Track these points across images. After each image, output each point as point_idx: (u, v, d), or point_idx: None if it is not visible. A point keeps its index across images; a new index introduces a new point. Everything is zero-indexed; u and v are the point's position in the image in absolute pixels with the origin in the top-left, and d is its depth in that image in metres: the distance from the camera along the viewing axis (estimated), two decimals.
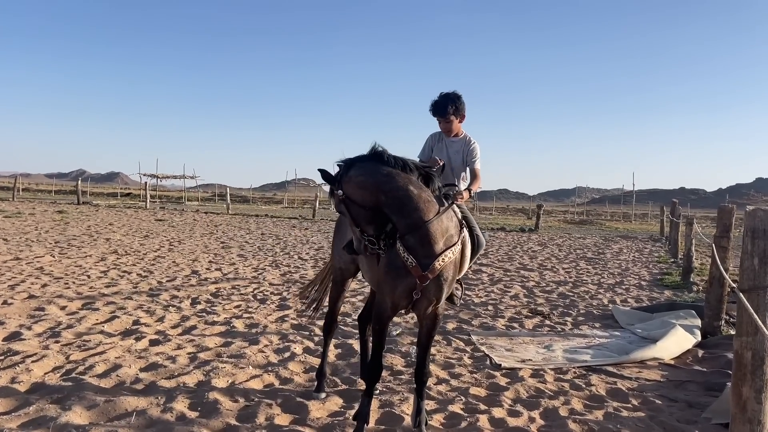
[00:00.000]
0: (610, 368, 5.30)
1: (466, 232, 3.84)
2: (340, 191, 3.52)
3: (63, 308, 6.64)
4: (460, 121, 4.45)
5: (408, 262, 3.48)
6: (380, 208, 3.45)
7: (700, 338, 6.25)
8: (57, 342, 5.32)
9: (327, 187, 3.67)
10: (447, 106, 4.32)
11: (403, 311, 3.85)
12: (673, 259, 14.58)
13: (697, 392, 4.75)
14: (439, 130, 4.52)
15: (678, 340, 5.95)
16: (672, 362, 5.58)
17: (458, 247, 3.63)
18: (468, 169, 4.48)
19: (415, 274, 3.49)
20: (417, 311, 3.74)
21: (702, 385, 4.90)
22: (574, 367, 5.28)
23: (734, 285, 2.96)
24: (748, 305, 2.68)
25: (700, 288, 9.62)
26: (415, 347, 5.54)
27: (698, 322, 6.73)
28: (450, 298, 3.94)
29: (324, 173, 3.59)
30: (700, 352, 5.86)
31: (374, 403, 4.05)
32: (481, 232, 4.15)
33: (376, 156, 3.51)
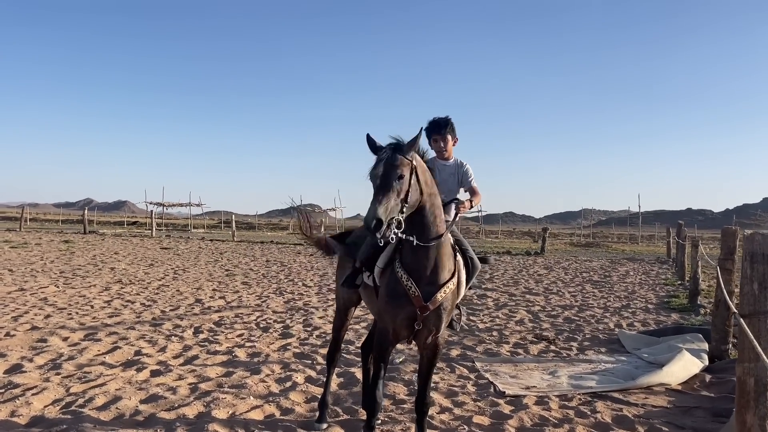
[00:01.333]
0: (616, 394, 5.22)
1: (459, 257, 3.80)
2: (412, 158, 3.26)
3: (65, 339, 6.63)
4: (454, 144, 4.46)
5: (410, 291, 3.44)
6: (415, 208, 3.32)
7: (707, 362, 6.16)
8: (58, 374, 5.29)
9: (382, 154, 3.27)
10: (444, 125, 4.35)
11: (404, 341, 3.80)
12: (680, 282, 14.47)
13: (704, 418, 4.67)
14: (432, 155, 4.51)
15: (685, 365, 5.87)
16: (679, 387, 5.51)
17: (456, 278, 3.60)
18: (465, 189, 4.47)
19: (417, 305, 3.45)
20: (417, 341, 3.69)
21: (709, 411, 4.81)
22: (579, 394, 5.21)
23: (735, 310, 2.93)
24: (749, 331, 2.64)
25: (708, 311, 9.52)
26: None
27: (705, 345, 6.65)
28: (450, 324, 3.90)
29: (392, 139, 3.33)
30: (708, 377, 5.78)
31: None
32: (474, 254, 4.09)
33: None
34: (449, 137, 4.39)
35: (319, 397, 4.85)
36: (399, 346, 5.64)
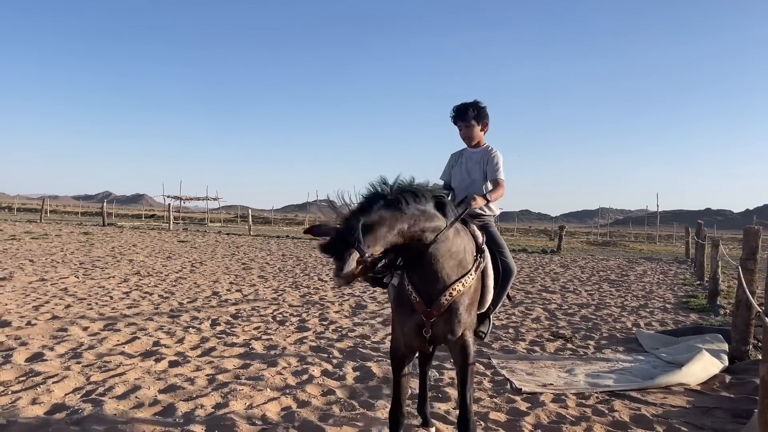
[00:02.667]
0: (633, 393, 5.17)
1: (487, 258, 3.48)
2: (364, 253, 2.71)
3: (85, 329, 6.71)
4: (482, 130, 4.19)
5: (412, 297, 3.20)
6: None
7: (727, 363, 6.09)
8: (78, 363, 5.36)
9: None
10: (468, 110, 4.09)
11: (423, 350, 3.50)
12: (698, 282, 14.31)
13: (724, 419, 4.62)
14: (462, 147, 4.31)
15: (704, 365, 5.81)
16: (698, 388, 5.44)
17: (473, 275, 3.27)
18: (489, 180, 4.10)
19: (419, 311, 3.19)
20: (437, 345, 3.44)
21: (729, 412, 4.76)
22: (596, 392, 5.17)
23: (760, 309, 2.88)
24: None
25: (727, 311, 9.40)
26: (433, 373, 5.46)
27: (725, 346, 6.57)
28: (476, 333, 3.61)
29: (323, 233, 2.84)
30: (728, 378, 5.71)
31: None
32: (510, 259, 3.80)
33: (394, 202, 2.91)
34: (474, 123, 4.11)
35: (337, 390, 4.88)
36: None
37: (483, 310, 3.56)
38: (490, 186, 4.09)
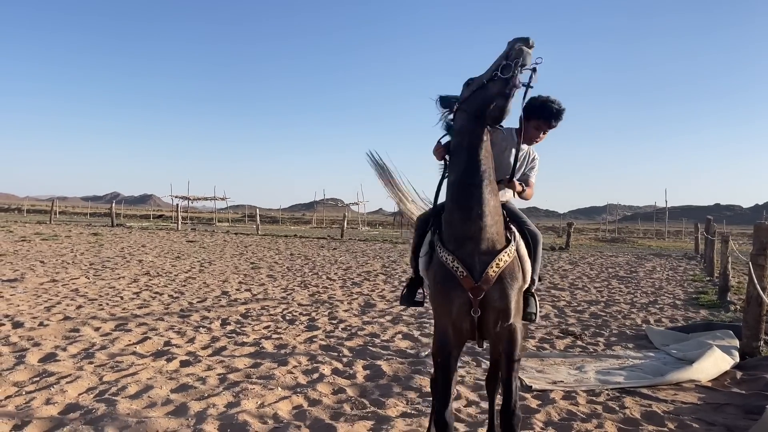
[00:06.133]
0: (644, 390, 5.17)
1: (515, 228, 3.29)
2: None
3: (97, 329, 6.76)
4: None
5: (457, 272, 2.96)
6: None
7: (738, 359, 6.07)
8: (91, 363, 5.41)
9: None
10: (558, 114, 3.54)
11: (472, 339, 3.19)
12: (708, 278, 14.24)
13: (735, 415, 4.61)
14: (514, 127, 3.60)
15: (715, 362, 5.79)
16: (709, 384, 5.43)
17: (513, 246, 3.10)
18: (522, 178, 3.68)
19: (467, 287, 2.95)
20: (486, 335, 3.13)
21: (741, 408, 4.74)
22: (607, 389, 5.16)
23: None
24: None
25: (738, 307, 9.36)
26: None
27: (736, 342, 6.55)
28: (525, 316, 3.42)
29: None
30: (739, 374, 5.69)
31: None
32: (534, 227, 3.57)
33: None
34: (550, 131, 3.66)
35: (347, 389, 4.90)
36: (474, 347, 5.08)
37: (526, 286, 3.34)
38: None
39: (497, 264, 2.96)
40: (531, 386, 5.15)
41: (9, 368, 5.11)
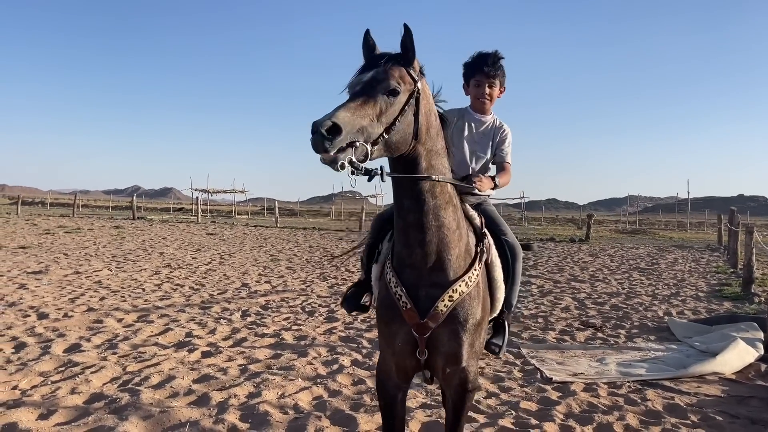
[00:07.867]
0: (666, 383, 5.12)
1: (491, 244, 2.69)
2: (418, 78, 2.21)
3: (120, 321, 6.85)
4: (500, 95, 3.28)
5: (401, 302, 2.38)
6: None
7: (762, 352, 5.98)
8: (114, 354, 5.49)
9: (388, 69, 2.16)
10: (497, 62, 3.14)
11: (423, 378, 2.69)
12: (732, 270, 14.03)
13: (760, 408, 4.54)
14: (467, 105, 3.34)
15: (739, 354, 5.71)
16: (733, 377, 5.36)
17: (477, 272, 2.47)
18: (496, 162, 3.30)
19: (410, 322, 2.37)
20: (435, 375, 2.59)
21: (765, 401, 4.68)
22: (628, 381, 5.12)
23: None
24: None
25: (762, 299, 9.22)
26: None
27: (760, 335, 6.44)
28: (488, 346, 2.89)
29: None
30: (763, 366, 5.61)
31: None
32: (514, 238, 2.97)
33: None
34: (497, 83, 3.20)
35: (367, 380, 4.91)
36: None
37: (495, 314, 2.80)
38: (493, 169, 3.35)
39: (450, 297, 2.35)
40: (551, 378, 5.13)
41: (35, 358, 5.21)
